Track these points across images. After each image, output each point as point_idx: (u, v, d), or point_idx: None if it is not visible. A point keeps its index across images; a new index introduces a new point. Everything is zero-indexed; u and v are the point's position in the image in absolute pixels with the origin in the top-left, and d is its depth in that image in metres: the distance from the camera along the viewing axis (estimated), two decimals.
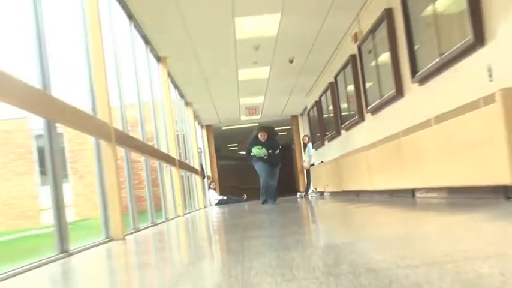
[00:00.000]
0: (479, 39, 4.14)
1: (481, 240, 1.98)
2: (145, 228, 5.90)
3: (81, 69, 4.74)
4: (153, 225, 6.38)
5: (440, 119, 4.73)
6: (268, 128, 10.05)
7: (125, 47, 6.51)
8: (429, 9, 5.01)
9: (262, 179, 9.82)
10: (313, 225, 4.07)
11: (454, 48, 4.51)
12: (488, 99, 3.86)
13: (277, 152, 9.82)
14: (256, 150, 9.62)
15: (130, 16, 6.66)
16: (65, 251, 3.38)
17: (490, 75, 4.07)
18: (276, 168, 9.91)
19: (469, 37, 4.21)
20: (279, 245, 2.57)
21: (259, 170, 9.86)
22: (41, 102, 3.26)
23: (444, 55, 4.73)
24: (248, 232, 3.71)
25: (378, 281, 1.39)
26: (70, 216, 4.58)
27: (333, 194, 10.84)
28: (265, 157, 9.63)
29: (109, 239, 4.41)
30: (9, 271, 2.67)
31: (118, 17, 6.18)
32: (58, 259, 3.21)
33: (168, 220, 7.49)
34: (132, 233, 5.23)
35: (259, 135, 9.74)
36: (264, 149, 9.61)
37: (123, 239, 4.44)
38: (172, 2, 6.40)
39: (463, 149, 4.33)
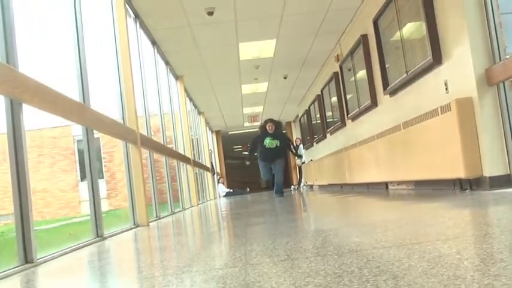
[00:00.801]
0: (437, 59, 4.14)
1: (442, 225, 1.97)
2: (165, 216, 5.89)
3: (113, 86, 4.74)
4: (172, 214, 6.37)
5: (407, 124, 4.72)
6: (274, 120, 8.55)
7: (149, 67, 6.50)
8: (397, 35, 5.00)
9: (262, 174, 8.72)
10: (304, 214, 4.05)
11: (417, 66, 4.50)
12: (445, 108, 3.86)
13: (286, 142, 8.64)
14: (269, 141, 8.26)
15: (154, 42, 6.67)
16: (100, 236, 3.38)
17: (447, 89, 4.06)
18: (278, 161, 8.39)
19: (429, 57, 4.21)
20: (276, 230, 2.55)
21: (260, 168, 8.67)
22: (80, 113, 3.25)
23: (409, 72, 4.73)
24: (250, 219, 3.70)
25: (358, 259, 1.38)
26: (104, 206, 4.55)
27: (321, 187, 10.81)
28: (273, 147, 8.26)
29: (136, 225, 4.40)
30: (58, 251, 2.69)
31: (144, 43, 6.18)
32: (94, 242, 3.20)
33: (184, 209, 7.47)
34: (155, 220, 5.22)
35: (267, 127, 8.31)
36: (276, 140, 8.23)
37: (148, 225, 4.43)
38: (187, 31, 6.40)
39: (426, 149, 4.31)
